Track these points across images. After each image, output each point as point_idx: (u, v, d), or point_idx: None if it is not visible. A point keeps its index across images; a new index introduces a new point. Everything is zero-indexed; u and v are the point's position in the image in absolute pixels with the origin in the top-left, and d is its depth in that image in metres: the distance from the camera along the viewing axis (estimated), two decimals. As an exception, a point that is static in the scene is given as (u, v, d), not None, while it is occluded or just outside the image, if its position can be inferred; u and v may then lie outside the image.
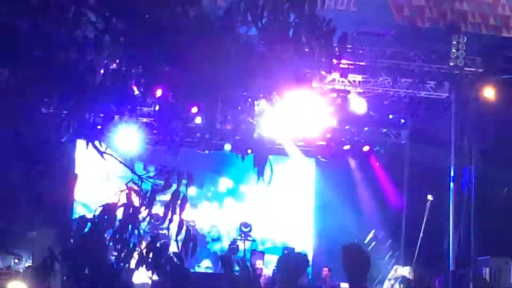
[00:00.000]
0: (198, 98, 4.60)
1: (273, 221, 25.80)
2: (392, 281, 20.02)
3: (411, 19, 19.34)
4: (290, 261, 7.83)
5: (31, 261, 18.40)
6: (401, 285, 19.68)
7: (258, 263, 22.02)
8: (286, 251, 20.77)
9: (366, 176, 25.27)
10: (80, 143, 5.08)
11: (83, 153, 5.31)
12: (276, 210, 25.87)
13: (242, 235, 24.37)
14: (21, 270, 18.33)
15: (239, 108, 4.60)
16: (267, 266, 22.98)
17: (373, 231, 21.78)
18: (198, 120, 4.53)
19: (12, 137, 4.68)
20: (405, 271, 20.28)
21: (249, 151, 4.85)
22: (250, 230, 24.52)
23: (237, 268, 5.22)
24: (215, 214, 25.71)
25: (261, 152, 4.68)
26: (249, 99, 4.71)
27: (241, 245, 23.83)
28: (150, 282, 5.01)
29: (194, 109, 4.75)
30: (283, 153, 24.92)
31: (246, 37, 4.79)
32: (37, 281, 4.74)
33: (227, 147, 23.11)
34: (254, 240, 24.60)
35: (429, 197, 20.12)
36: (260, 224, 25.24)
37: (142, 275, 4.97)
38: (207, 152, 23.12)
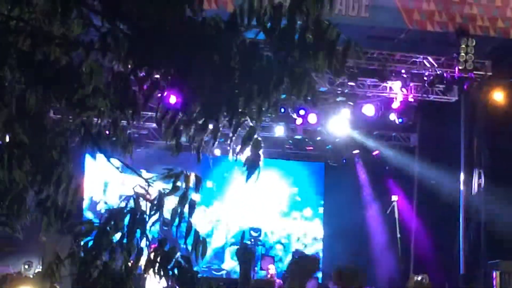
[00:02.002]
0: (202, 102, 4.60)
1: (281, 225, 25.72)
2: None
3: (421, 24, 19.36)
4: (301, 264, 7.84)
5: (41, 267, 18.45)
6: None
7: (270, 268, 21.96)
8: (296, 256, 20.64)
9: (375, 180, 25.25)
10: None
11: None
12: (284, 214, 25.83)
13: (252, 240, 24.36)
14: (31, 276, 18.37)
15: (244, 113, 4.60)
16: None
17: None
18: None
19: (19, 142, 4.69)
20: (419, 278, 20.21)
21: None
22: (259, 235, 24.51)
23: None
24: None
25: (255, 158, 4.69)
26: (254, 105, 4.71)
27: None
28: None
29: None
30: (291, 156, 24.94)
31: (252, 42, 4.78)
32: (43, 285, 4.76)
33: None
34: (263, 245, 24.60)
35: (394, 197, 20.14)
36: (268, 228, 25.18)
37: (154, 283, 4.98)
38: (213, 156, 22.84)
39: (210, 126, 4.64)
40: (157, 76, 4.61)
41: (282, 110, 20.43)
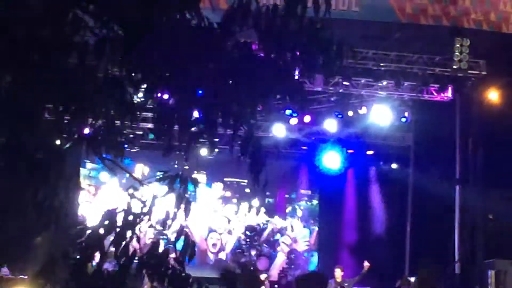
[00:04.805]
0: (198, 103, 4.59)
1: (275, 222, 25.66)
2: None
3: (414, 17, 19.32)
4: (309, 281, 7.87)
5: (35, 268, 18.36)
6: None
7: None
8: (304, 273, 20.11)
9: (370, 179, 25.24)
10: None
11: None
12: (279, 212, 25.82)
13: (248, 240, 24.30)
14: (26, 277, 18.32)
15: (239, 114, 4.59)
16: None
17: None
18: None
19: (13, 144, 4.67)
20: (412, 279, 20.35)
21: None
22: (255, 235, 24.44)
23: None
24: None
25: (258, 159, 4.66)
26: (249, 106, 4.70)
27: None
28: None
29: (195, 114, 4.74)
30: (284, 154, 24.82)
31: (246, 43, 4.77)
32: (38, 286, 4.75)
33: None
34: (259, 245, 24.54)
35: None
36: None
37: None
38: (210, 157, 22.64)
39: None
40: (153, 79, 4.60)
41: (277, 110, 20.46)
